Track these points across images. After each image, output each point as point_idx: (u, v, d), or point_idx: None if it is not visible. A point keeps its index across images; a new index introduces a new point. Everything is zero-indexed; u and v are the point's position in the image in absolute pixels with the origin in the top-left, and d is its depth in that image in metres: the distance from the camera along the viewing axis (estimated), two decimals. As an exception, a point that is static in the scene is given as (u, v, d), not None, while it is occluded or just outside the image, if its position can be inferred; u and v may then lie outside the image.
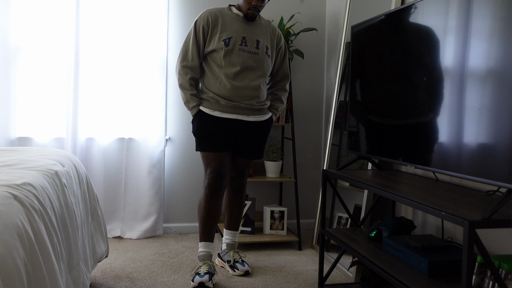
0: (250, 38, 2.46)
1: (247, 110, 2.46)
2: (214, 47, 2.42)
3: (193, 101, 2.45)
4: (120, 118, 3.20)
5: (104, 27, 3.14)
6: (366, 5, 2.91)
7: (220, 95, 2.42)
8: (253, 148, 2.57)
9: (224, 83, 2.41)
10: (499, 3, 1.43)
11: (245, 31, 2.46)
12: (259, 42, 2.48)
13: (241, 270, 2.53)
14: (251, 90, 2.44)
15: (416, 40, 1.87)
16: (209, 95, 2.43)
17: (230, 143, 2.49)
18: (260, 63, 2.48)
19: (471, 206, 1.48)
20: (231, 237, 2.69)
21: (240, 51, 2.43)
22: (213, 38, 2.43)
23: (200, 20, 2.44)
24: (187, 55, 2.45)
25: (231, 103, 2.42)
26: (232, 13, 2.49)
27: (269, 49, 2.53)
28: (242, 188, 2.66)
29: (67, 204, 1.68)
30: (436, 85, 1.72)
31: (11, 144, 3.06)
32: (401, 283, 1.59)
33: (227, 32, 2.42)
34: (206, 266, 2.40)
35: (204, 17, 2.45)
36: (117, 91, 3.17)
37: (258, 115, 2.52)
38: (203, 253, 2.46)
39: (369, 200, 2.48)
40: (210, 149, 2.46)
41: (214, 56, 2.43)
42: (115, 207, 3.24)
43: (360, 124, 2.29)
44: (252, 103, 2.46)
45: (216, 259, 2.72)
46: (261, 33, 2.51)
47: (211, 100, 2.44)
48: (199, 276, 2.35)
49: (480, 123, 1.49)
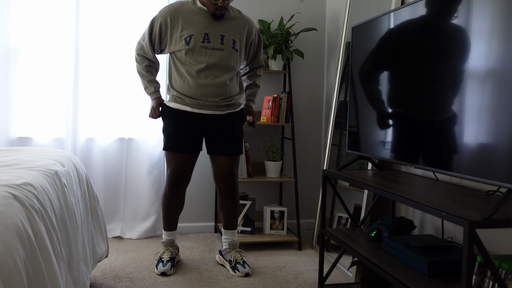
0: (214, 34, 2.42)
1: (212, 107, 2.47)
2: (177, 47, 2.42)
3: (151, 86, 2.52)
4: (120, 118, 3.20)
5: (104, 27, 3.14)
6: (366, 5, 2.91)
7: (184, 93, 2.44)
8: (228, 144, 2.53)
9: (188, 81, 2.43)
10: (499, 3, 1.43)
11: (208, 27, 2.42)
12: (223, 37, 2.44)
13: (242, 272, 2.52)
14: (216, 88, 2.44)
15: (417, 40, 1.87)
16: (175, 94, 2.48)
17: (196, 144, 2.51)
18: (226, 59, 2.45)
19: (471, 206, 1.48)
20: (231, 236, 2.69)
21: (202, 48, 2.40)
22: (174, 36, 2.42)
23: (159, 16, 2.44)
24: (143, 45, 2.51)
25: (195, 101, 2.44)
26: (196, 7, 2.44)
27: (237, 43, 2.48)
28: (235, 188, 2.61)
29: (67, 204, 1.68)
30: (436, 85, 1.72)
31: (11, 144, 3.05)
32: (401, 283, 1.59)
33: (188, 30, 2.40)
34: (168, 252, 2.60)
35: (163, 14, 2.43)
36: (117, 91, 3.17)
37: (226, 111, 2.52)
38: (167, 240, 2.67)
39: (369, 200, 2.48)
40: (170, 148, 2.51)
41: (179, 55, 2.45)
42: (115, 207, 3.23)
43: (360, 124, 2.29)
44: (217, 100, 2.46)
45: (217, 255, 2.73)
46: (228, 27, 2.46)
47: (176, 98, 2.48)
48: (162, 265, 2.52)
49: (480, 123, 1.49)
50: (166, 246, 2.65)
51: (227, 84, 2.48)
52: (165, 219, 2.66)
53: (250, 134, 3.43)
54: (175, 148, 2.50)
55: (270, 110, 3.17)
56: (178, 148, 2.50)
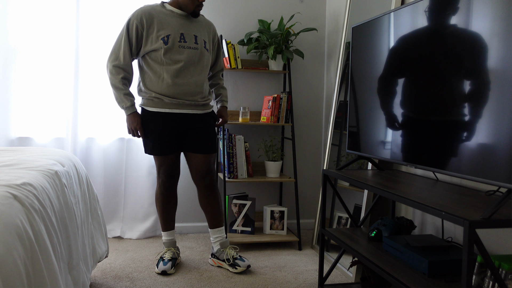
0: (188, 34, 2.47)
1: (192, 107, 2.51)
2: (153, 46, 2.41)
3: (127, 100, 2.45)
4: (120, 118, 3.19)
5: (104, 27, 3.14)
6: (366, 5, 2.91)
7: (162, 93, 2.44)
8: (205, 142, 2.58)
9: (167, 81, 2.43)
10: (499, 4, 1.43)
11: (182, 27, 2.47)
12: (197, 37, 2.50)
13: (243, 266, 2.55)
14: (194, 86, 2.48)
15: (417, 39, 1.87)
16: (152, 95, 2.46)
17: (178, 144, 2.55)
18: (201, 58, 2.51)
19: (471, 206, 1.48)
20: (220, 234, 2.69)
21: (180, 47, 2.44)
22: (150, 37, 2.42)
23: (133, 19, 2.41)
24: (118, 55, 2.43)
25: (175, 101, 2.45)
26: (167, 10, 2.49)
27: (207, 43, 2.56)
28: (214, 184, 2.65)
29: (67, 204, 1.68)
30: (436, 85, 1.72)
31: (11, 144, 3.05)
32: (401, 283, 1.59)
33: (165, 30, 2.42)
34: (170, 252, 2.61)
35: (137, 16, 2.42)
36: (117, 91, 3.17)
37: (203, 110, 2.57)
38: (168, 241, 2.67)
39: (369, 200, 2.48)
40: (158, 152, 2.52)
41: (154, 55, 2.43)
42: (115, 207, 3.24)
43: (360, 124, 2.29)
44: (196, 99, 2.50)
45: (210, 259, 2.71)
46: (198, 28, 2.53)
47: (154, 99, 2.46)
48: (163, 263, 2.53)
49: (480, 123, 1.49)
50: (168, 246, 2.66)
51: (204, 83, 2.55)
52: (163, 219, 2.67)
53: (250, 134, 3.43)
54: (164, 152, 2.53)
55: (270, 110, 3.17)
56: (164, 151, 2.53)
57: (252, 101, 3.43)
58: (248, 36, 3.23)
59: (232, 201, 3.16)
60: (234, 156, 3.09)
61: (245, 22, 3.36)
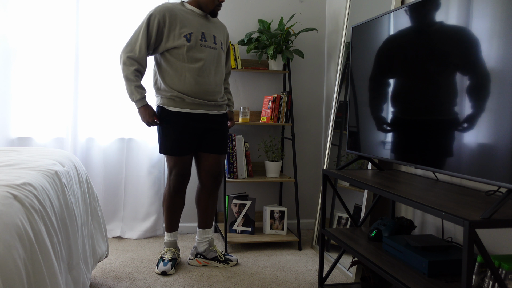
0: (208, 33, 2.49)
1: (211, 107, 2.52)
2: (176, 43, 2.40)
3: (137, 93, 2.42)
4: (120, 118, 3.20)
5: (104, 27, 3.14)
6: (366, 5, 2.91)
7: (184, 92, 2.43)
8: (221, 143, 2.61)
9: (189, 80, 2.42)
10: (499, 3, 1.43)
11: (202, 26, 2.48)
12: (215, 37, 2.53)
13: (234, 260, 2.69)
14: (214, 86, 2.50)
15: (417, 39, 1.87)
16: (174, 94, 2.43)
17: (194, 145, 2.54)
18: (219, 58, 2.54)
19: (471, 206, 1.48)
20: (209, 234, 2.73)
21: (201, 46, 2.45)
22: (172, 34, 2.41)
23: (156, 14, 2.39)
24: (134, 47, 2.40)
25: (197, 101, 2.45)
26: (187, 9, 2.50)
27: (223, 44, 2.60)
28: (219, 186, 2.70)
29: (67, 204, 1.68)
30: (436, 85, 1.72)
31: (11, 144, 3.06)
32: (401, 283, 1.59)
33: (187, 28, 2.42)
34: (170, 253, 2.60)
35: (160, 11, 2.40)
36: (117, 91, 3.17)
37: (220, 111, 2.59)
38: (169, 241, 2.66)
39: (369, 200, 2.48)
40: (176, 153, 2.49)
41: (175, 53, 2.42)
42: (115, 207, 3.24)
43: (360, 124, 2.29)
44: (216, 99, 2.52)
45: (195, 260, 2.69)
46: (216, 29, 2.56)
47: (175, 98, 2.44)
48: (163, 264, 2.52)
49: (480, 123, 1.49)
50: (169, 247, 2.65)
51: (222, 83, 2.57)
52: (168, 220, 2.64)
53: (250, 134, 3.43)
54: (180, 152, 2.50)
55: (270, 110, 3.17)
56: (182, 152, 2.50)
57: (252, 101, 3.43)
58: (248, 36, 3.23)
59: (232, 201, 3.16)
60: (234, 156, 3.09)
61: (245, 22, 3.36)
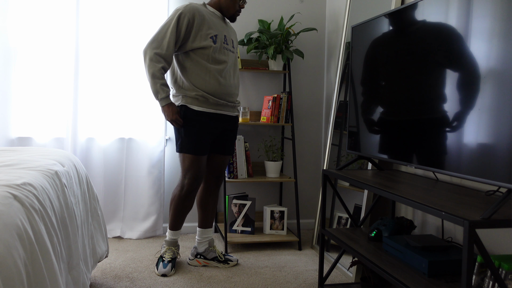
0: (228, 37, 2.53)
1: (230, 108, 2.56)
2: (202, 44, 2.39)
3: (163, 91, 2.37)
4: (120, 118, 3.20)
5: (104, 27, 3.14)
6: (366, 5, 2.91)
7: (209, 92, 2.43)
8: (231, 144, 2.67)
9: (213, 80, 2.43)
10: (499, 3, 1.43)
11: (224, 30, 2.51)
12: (233, 41, 2.58)
13: (234, 261, 2.69)
14: (234, 88, 2.54)
15: (417, 39, 1.87)
16: (199, 93, 2.42)
17: (211, 145, 2.56)
18: (236, 62, 2.59)
19: (471, 206, 1.48)
20: (210, 234, 2.74)
21: (223, 49, 2.47)
22: (199, 34, 2.39)
23: (186, 13, 2.36)
24: (162, 43, 2.35)
25: (220, 101, 2.46)
26: (210, 11, 2.51)
27: (236, 49, 2.64)
28: (220, 186, 2.72)
29: (67, 204, 1.68)
30: (436, 85, 1.72)
31: (11, 144, 3.05)
32: (401, 283, 1.59)
33: (213, 30, 2.43)
34: (170, 252, 2.58)
35: (190, 11, 2.37)
36: (117, 91, 3.17)
37: (234, 113, 2.63)
38: (171, 240, 2.63)
39: (369, 200, 2.48)
40: (197, 152, 2.46)
41: (201, 53, 2.41)
42: (115, 207, 3.24)
43: (360, 124, 2.29)
44: (234, 100, 2.56)
45: (195, 260, 2.68)
46: (232, 33, 2.61)
47: (200, 98, 2.43)
48: (162, 266, 2.51)
49: (480, 123, 1.49)
50: (169, 245, 2.62)
51: (238, 86, 2.62)
52: (174, 219, 2.59)
53: (250, 134, 3.43)
54: (200, 152, 2.46)
55: (270, 110, 3.17)
56: (202, 151, 2.48)
57: (252, 101, 3.43)
58: (248, 36, 3.23)
59: (232, 201, 3.16)
60: (234, 156, 3.09)
61: (245, 22, 3.36)
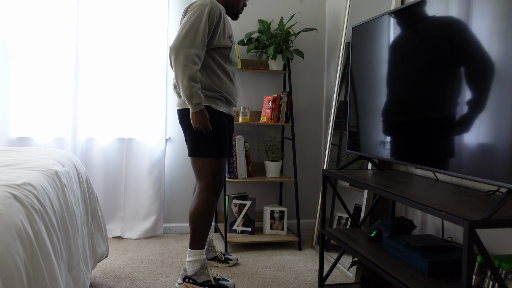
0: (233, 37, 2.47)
1: (234, 109, 2.58)
2: (223, 43, 2.26)
3: (198, 97, 2.13)
4: (120, 118, 3.20)
5: (104, 27, 3.14)
6: (366, 5, 2.91)
7: (228, 93, 2.35)
8: (231, 145, 2.66)
9: (229, 81, 2.37)
10: (499, 3, 1.43)
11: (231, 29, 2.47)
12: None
13: (234, 260, 2.68)
14: (238, 89, 2.51)
15: (417, 39, 1.87)
16: (222, 94, 2.30)
17: None
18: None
19: (471, 206, 1.48)
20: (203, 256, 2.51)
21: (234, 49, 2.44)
22: (222, 32, 2.25)
23: (214, 8, 2.17)
24: (195, 41, 2.11)
25: (233, 102, 2.45)
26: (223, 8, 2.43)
27: None
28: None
29: (67, 204, 1.68)
30: (436, 85, 1.72)
31: (11, 144, 3.06)
32: (401, 283, 1.59)
33: (229, 29, 2.36)
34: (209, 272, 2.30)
35: (217, 6, 2.20)
36: (117, 91, 3.17)
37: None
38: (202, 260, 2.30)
39: (369, 200, 2.48)
40: (224, 154, 2.32)
41: (221, 53, 2.28)
42: (115, 207, 3.24)
43: (360, 124, 2.29)
44: (237, 101, 2.53)
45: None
46: None
47: (222, 99, 2.33)
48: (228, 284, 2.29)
49: (480, 123, 1.49)
50: (205, 267, 2.30)
51: None
52: (204, 234, 2.29)
53: (250, 134, 3.43)
54: (226, 154, 2.35)
55: (270, 110, 3.17)
56: (228, 154, 2.40)
57: (252, 101, 3.43)
58: (248, 36, 3.23)
59: (232, 201, 3.16)
60: (234, 156, 3.09)
61: (245, 22, 3.36)
